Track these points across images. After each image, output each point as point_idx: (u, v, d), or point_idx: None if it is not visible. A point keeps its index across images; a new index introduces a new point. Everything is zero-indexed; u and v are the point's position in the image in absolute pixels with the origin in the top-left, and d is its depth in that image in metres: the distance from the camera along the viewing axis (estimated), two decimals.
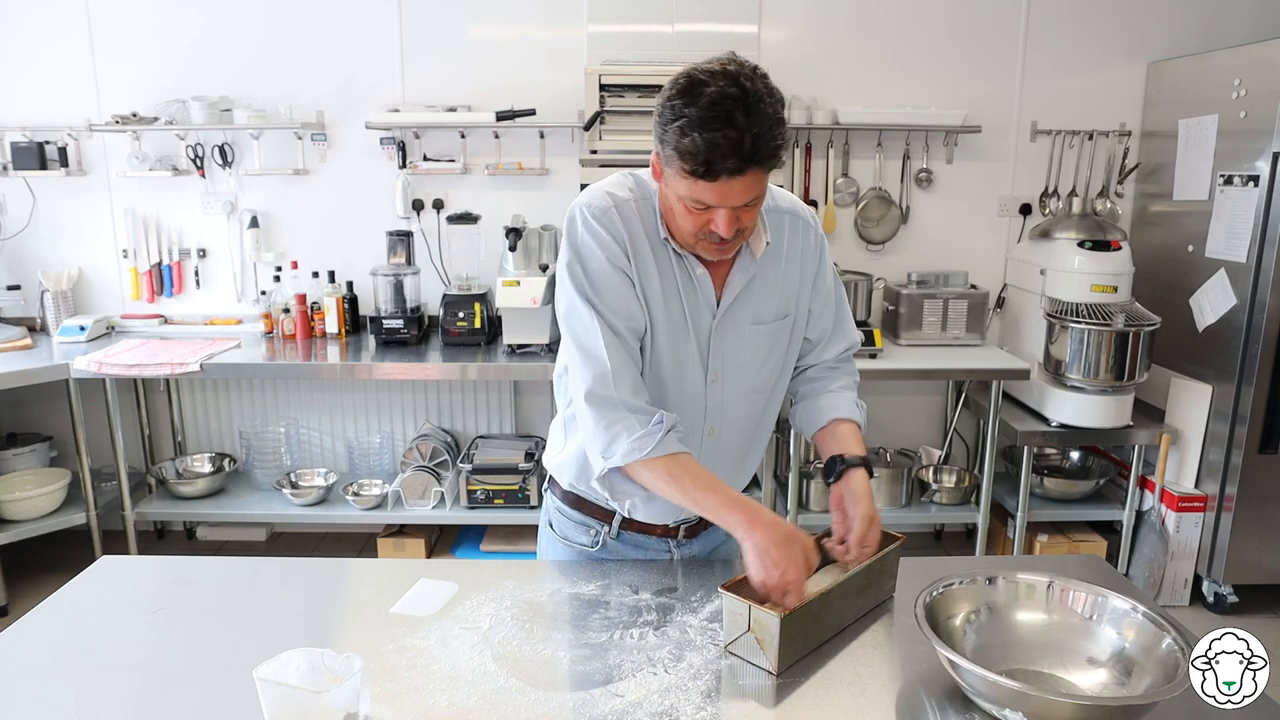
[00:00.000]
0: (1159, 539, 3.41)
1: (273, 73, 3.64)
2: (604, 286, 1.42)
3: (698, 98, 1.25)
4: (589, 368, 1.41)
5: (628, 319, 1.43)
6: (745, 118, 1.24)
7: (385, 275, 3.59)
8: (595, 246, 1.42)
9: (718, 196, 1.30)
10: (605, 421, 1.40)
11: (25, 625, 1.42)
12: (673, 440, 1.40)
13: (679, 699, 1.22)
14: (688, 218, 1.36)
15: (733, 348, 1.51)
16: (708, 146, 1.24)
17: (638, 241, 1.44)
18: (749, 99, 1.25)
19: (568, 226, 1.45)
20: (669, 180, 1.35)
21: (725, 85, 1.25)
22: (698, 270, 1.46)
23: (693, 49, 3.57)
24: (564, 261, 1.45)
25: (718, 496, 1.38)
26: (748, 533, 1.34)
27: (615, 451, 1.40)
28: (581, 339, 1.43)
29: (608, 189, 1.46)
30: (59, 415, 3.70)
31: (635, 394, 1.41)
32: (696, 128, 1.24)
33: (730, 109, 1.24)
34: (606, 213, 1.43)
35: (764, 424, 1.63)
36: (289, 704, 1.10)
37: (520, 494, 3.45)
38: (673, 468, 1.39)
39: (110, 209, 3.75)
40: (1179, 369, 3.51)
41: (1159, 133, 3.66)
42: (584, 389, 1.41)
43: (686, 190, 1.32)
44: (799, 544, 1.34)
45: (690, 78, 1.27)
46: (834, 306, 1.64)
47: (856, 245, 3.82)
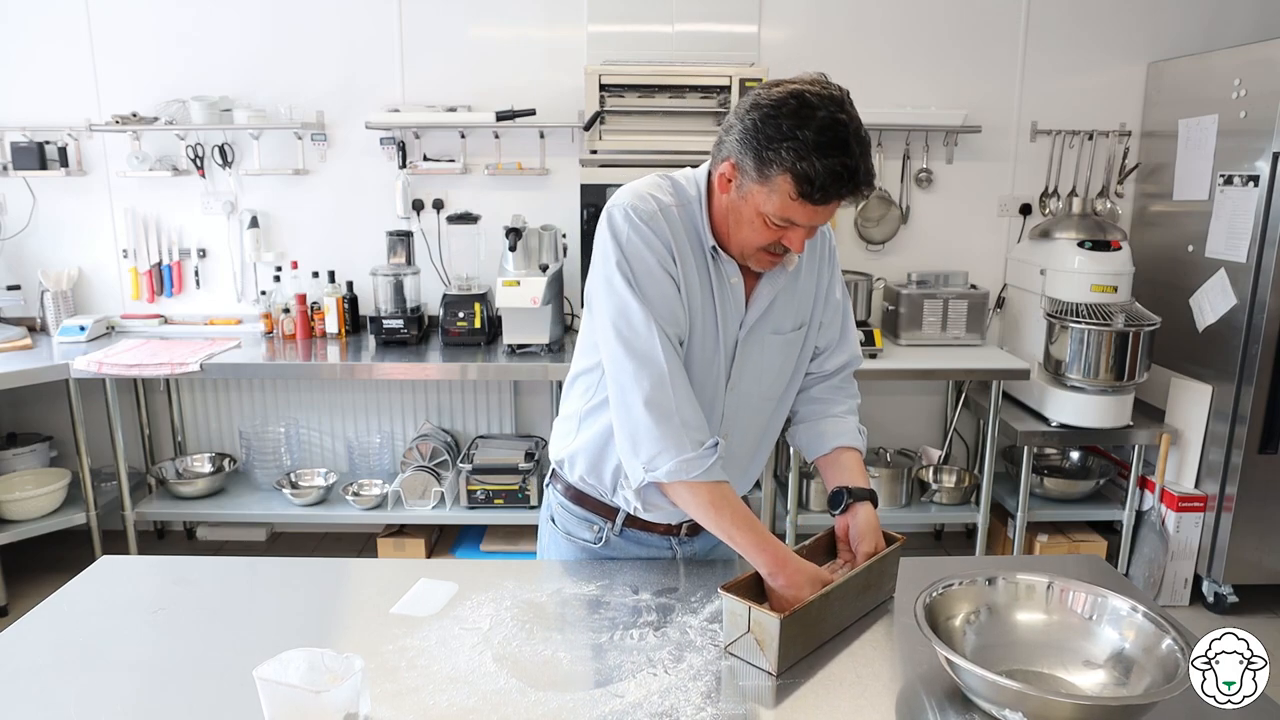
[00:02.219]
0: (1159, 539, 3.41)
1: (273, 73, 3.64)
2: (654, 290, 1.40)
3: (809, 120, 1.25)
4: (645, 373, 1.38)
5: (674, 324, 1.42)
6: (857, 145, 1.26)
7: (385, 275, 3.58)
8: (645, 249, 1.40)
9: (809, 217, 1.32)
10: (658, 432, 1.37)
11: (25, 625, 1.42)
12: (719, 468, 1.39)
13: (679, 699, 1.22)
14: (763, 233, 1.36)
15: (754, 356, 1.52)
16: (826, 173, 1.25)
17: (681, 247, 1.43)
18: (854, 125, 1.27)
19: (610, 227, 1.42)
20: (753, 194, 1.33)
21: (835, 110, 1.26)
22: (733, 279, 1.46)
23: (693, 49, 3.58)
24: (610, 261, 1.41)
25: (753, 535, 1.38)
26: (772, 576, 1.36)
27: (660, 466, 1.38)
28: (635, 343, 1.39)
29: (650, 192, 1.44)
30: (59, 415, 3.70)
31: (690, 403, 1.40)
32: (814, 153, 1.25)
33: (845, 137, 1.26)
34: (654, 216, 1.41)
35: (771, 430, 1.64)
36: (289, 704, 1.10)
37: (520, 494, 3.45)
38: (714, 497, 1.39)
39: (110, 209, 3.75)
40: (1179, 369, 3.51)
41: (1159, 133, 3.66)
42: (642, 395, 1.38)
43: (778, 208, 1.31)
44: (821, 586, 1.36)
45: (799, 98, 1.27)
46: (841, 318, 1.65)
47: (856, 245, 3.82)
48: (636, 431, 1.39)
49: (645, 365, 1.38)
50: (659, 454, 1.38)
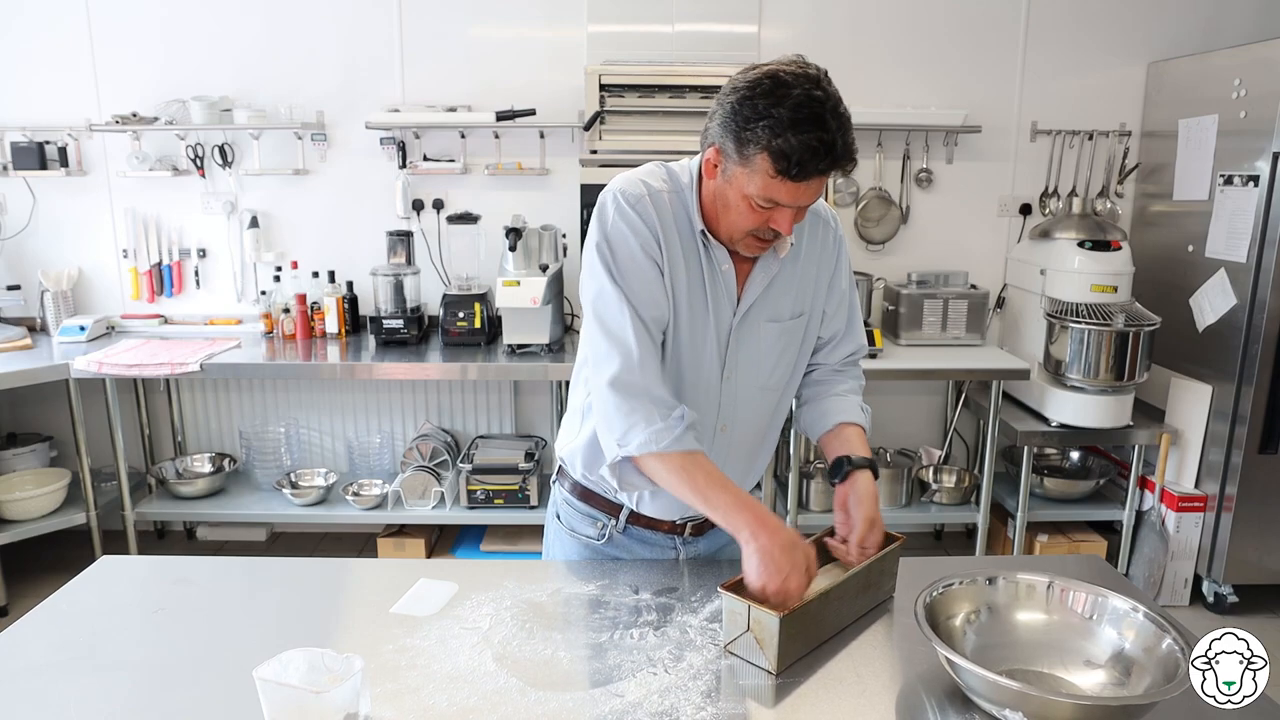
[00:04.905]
0: (1159, 539, 3.41)
1: (273, 73, 3.64)
2: (633, 274, 1.41)
3: (784, 99, 1.26)
4: (616, 352, 1.40)
5: (653, 308, 1.42)
6: (834, 120, 1.26)
7: (385, 275, 3.58)
8: (629, 233, 1.41)
9: (792, 196, 1.32)
10: (626, 409, 1.39)
11: (25, 625, 1.42)
12: (690, 437, 1.39)
13: (679, 699, 1.22)
14: (750, 215, 1.36)
15: (749, 344, 1.52)
16: (802, 148, 1.26)
17: (669, 233, 1.43)
18: (832, 101, 1.27)
19: (599, 211, 1.44)
20: (736, 177, 1.34)
21: (810, 87, 1.27)
22: (724, 266, 1.46)
23: (693, 49, 3.58)
24: (593, 244, 1.43)
25: (728, 496, 1.38)
26: (753, 535, 1.33)
27: (631, 440, 1.38)
28: (608, 324, 1.41)
29: (642, 177, 1.46)
30: (59, 415, 3.70)
31: (660, 385, 1.41)
32: (788, 129, 1.25)
33: (820, 111, 1.26)
34: (641, 200, 1.42)
35: (774, 423, 1.63)
36: (289, 704, 1.10)
37: (520, 494, 3.45)
38: (686, 463, 1.39)
39: (110, 209, 3.75)
40: (1179, 369, 3.51)
41: (1159, 133, 3.66)
42: (609, 373, 1.39)
43: (760, 188, 1.32)
44: (802, 551, 1.34)
45: (774, 78, 1.28)
46: (847, 309, 1.64)
47: (856, 245, 3.81)
48: (608, 409, 1.41)
49: (616, 346, 1.40)
50: (629, 429, 1.39)
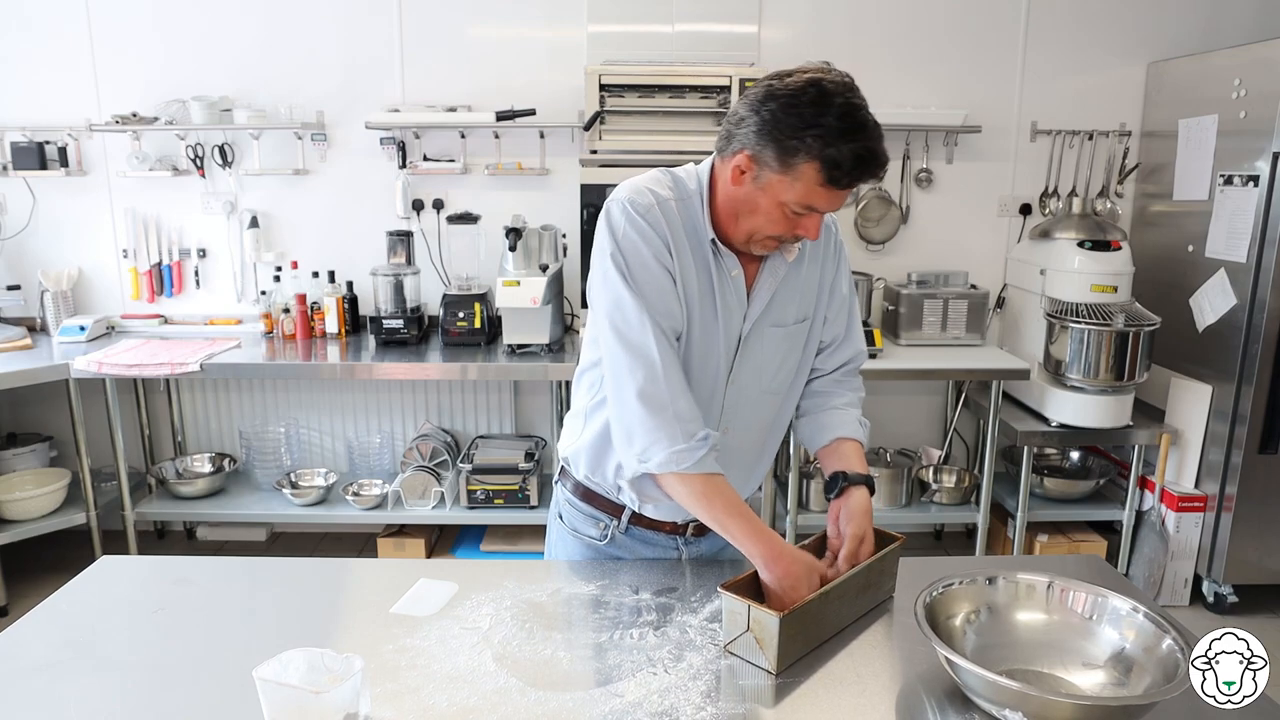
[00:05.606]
0: (1159, 539, 3.41)
1: (273, 73, 3.64)
2: (648, 283, 1.41)
3: (829, 108, 1.27)
4: (639, 365, 1.39)
5: (669, 317, 1.42)
6: (875, 129, 1.29)
7: (385, 275, 3.58)
8: (641, 242, 1.40)
9: (830, 203, 1.34)
10: (651, 424, 1.38)
11: (25, 625, 1.42)
12: (711, 460, 1.39)
13: (679, 699, 1.22)
14: (781, 222, 1.37)
15: (755, 349, 1.52)
16: (853, 157, 1.27)
17: (679, 241, 1.43)
18: (867, 110, 1.30)
19: (607, 220, 1.43)
20: (773, 184, 1.34)
21: (850, 95, 1.29)
22: (734, 271, 1.46)
23: (693, 49, 3.58)
24: (605, 254, 1.42)
25: (746, 525, 1.39)
26: (766, 566, 1.35)
27: (652, 458, 1.38)
28: (628, 336, 1.40)
29: (649, 186, 1.45)
30: (59, 415, 3.70)
31: (684, 396, 1.40)
32: (840, 138, 1.27)
33: (865, 120, 1.29)
34: (650, 210, 1.42)
35: (777, 427, 1.64)
36: (289, 704, 1.10)
37: (520, 494, 3.45)
38: (706, 488, 1.39)
39: (110, 209, 3.75)
40: (1179, 369, 3.51)
41: (1159, 133, 3.66)
42: (635, 386, 1.39)
43: (800, 195, 1.32)
44: (818, 576, 1.37)
45: (818, 86, 1.29)
46: (847, 313, 1.65)
47: (856, 245, 3.82)
48: (630, 423, 1.40)
49: (639, 358, 1.39)
50: (651, 445, 1.38)
